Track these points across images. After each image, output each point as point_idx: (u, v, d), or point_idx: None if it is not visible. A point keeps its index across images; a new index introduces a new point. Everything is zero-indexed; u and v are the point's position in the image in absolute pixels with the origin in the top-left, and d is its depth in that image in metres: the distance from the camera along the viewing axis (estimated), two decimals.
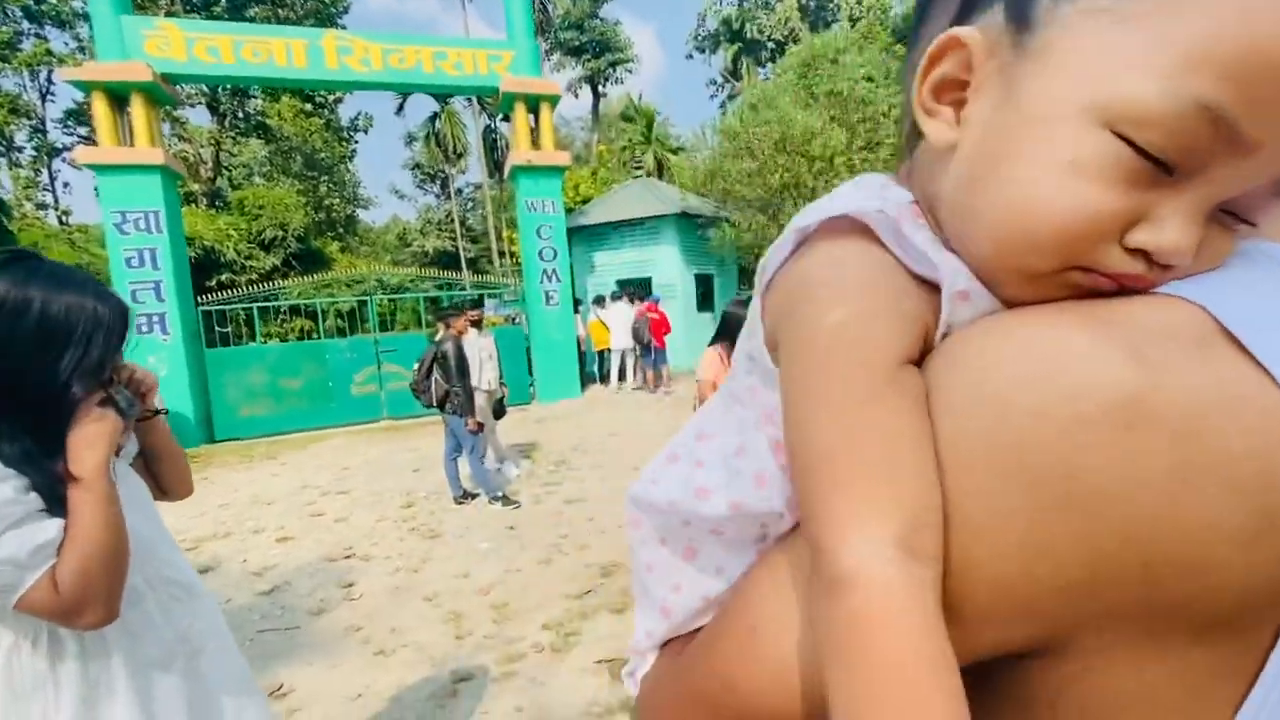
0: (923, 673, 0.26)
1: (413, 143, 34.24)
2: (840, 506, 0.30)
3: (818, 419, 0.32)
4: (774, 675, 0.35)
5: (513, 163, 10.12)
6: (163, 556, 1.20)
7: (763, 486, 0.38)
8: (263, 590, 3.77)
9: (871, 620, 0.27)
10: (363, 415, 9.73)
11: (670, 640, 0.50)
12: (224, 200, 20.93)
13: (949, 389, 0.31)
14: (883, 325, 0.32)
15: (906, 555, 0.28)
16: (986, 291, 0.33)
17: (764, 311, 0.39)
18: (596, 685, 2.56)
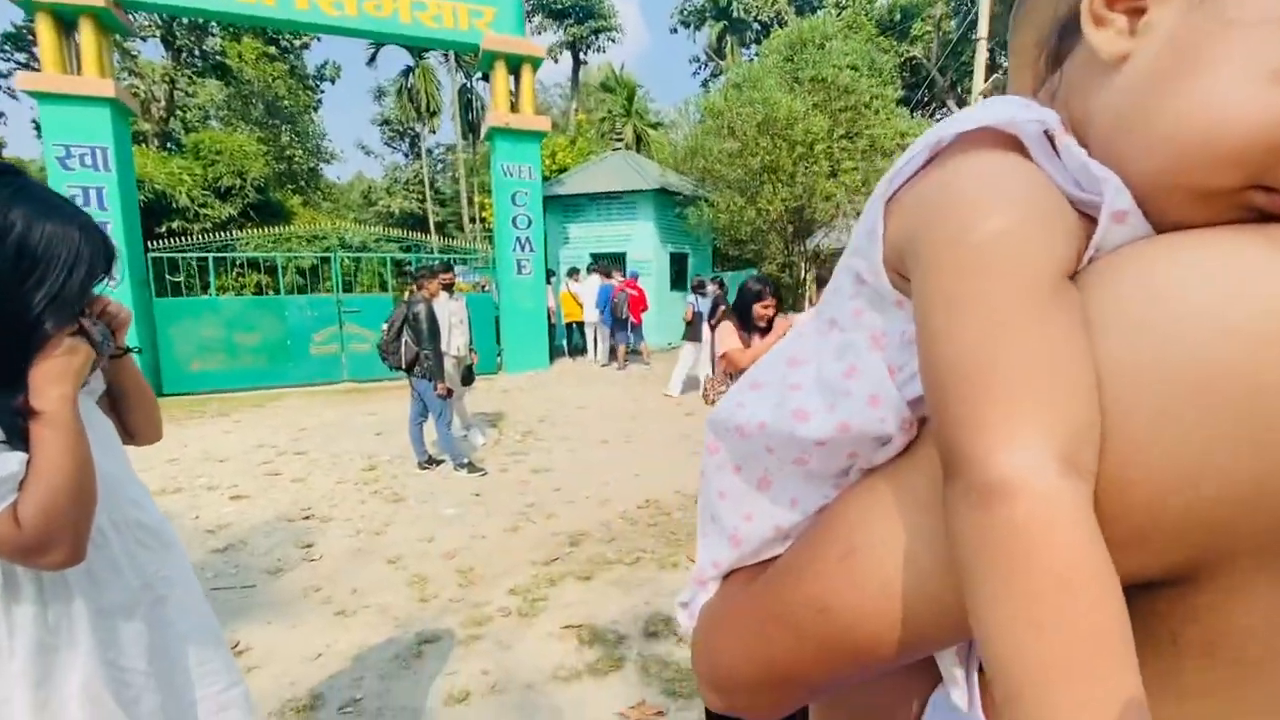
0: (1091, 586, 0.26)
1: (383, 97, 32.94)
2: (998, 416, 0.28)
3: (973, 329, 0.30)
4: (875, 599, 0.35)
5: (490, 124, 9.83)
6: (132, 499, 1.15)
7: (876, 407, 0.36)
8: (216, 548, 3.65)
9: (1035, 530, 0.26)
10: (322, 376, 9.45)
11: (733, 571, 0.50)
12: (177, 143, 19.83)
13: (1113, 306, 0.30)
14: (1046, 234, 0.31)
15: (1069, 467, 0.27)
16: (1142, 216, 0.32)
17: (888, 228, 0.37)
18: (563, 650, 2.57)
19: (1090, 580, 0.26)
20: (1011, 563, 0.27)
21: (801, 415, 0.40)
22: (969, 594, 0.29)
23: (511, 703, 2.24)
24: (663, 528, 3.85)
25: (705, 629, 0.49)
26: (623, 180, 12.43)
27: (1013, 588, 0.27)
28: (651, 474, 4.93)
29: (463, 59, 25.70)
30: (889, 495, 0.37)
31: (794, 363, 0.44)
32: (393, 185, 33.83)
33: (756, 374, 0.48)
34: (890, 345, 0.38)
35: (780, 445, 0.42)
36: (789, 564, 0.42)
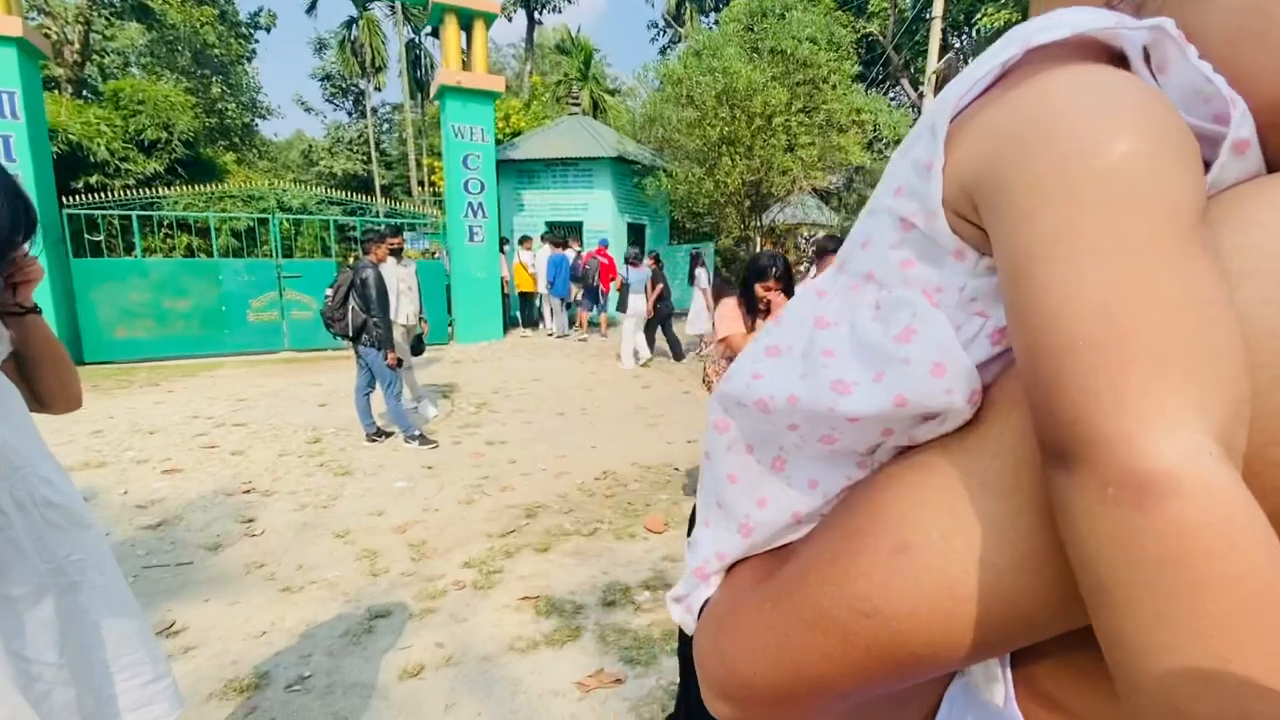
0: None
1: (324, 50, 31.08)
2: (1141, 388, 0.23)
3: (1098, 275, 0.25)
4: (936, 601, 0.30)
5: (440, 82, 9.41)
6: (40, 475, 1.06)
7: (941, 376, 0.31)
8: (148, 524, 3.46)
9: (1217, 534, 0.22)
10: (261, 344, 9.01)
11: (737, 563, 0.45)
12: (94, 91, 18.25)
13: (1245, 250, 0.26)
14: (1182, 163, 0.25)
15: (1228, 453, 0.23)
16: (1259, 148, 0.28)
17: (950, 160, 0.32)
18: (520, 621, 2.55)
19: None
20: (1187, 576, 0.22)
21: (842, 387, 0.34)
22: (1110, 611, 0.24)
23: (467, 675, 2.22)
24: (620, 499, 3.86)
25: (714, 632, 0.43)
26: (579, 146, 12.14)
27: (1192, 609, 0.22)
28: (608, 446, 4.92)
29: (410, 11, 24.43)
30: (952, 480, 0.31)
31: (822, 323, 0.38)
32: (335, 145, 32.15)
33: (773, 338, 0.42)
34: (947, 303, 0.33)
35: (808, 421, 0.37)
36: (823, 557, 0.36)
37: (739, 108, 9.29)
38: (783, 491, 0.40)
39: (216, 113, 22.38)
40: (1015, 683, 0.36)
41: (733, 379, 0.43)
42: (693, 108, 9.52)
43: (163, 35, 20.94)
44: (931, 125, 0.33)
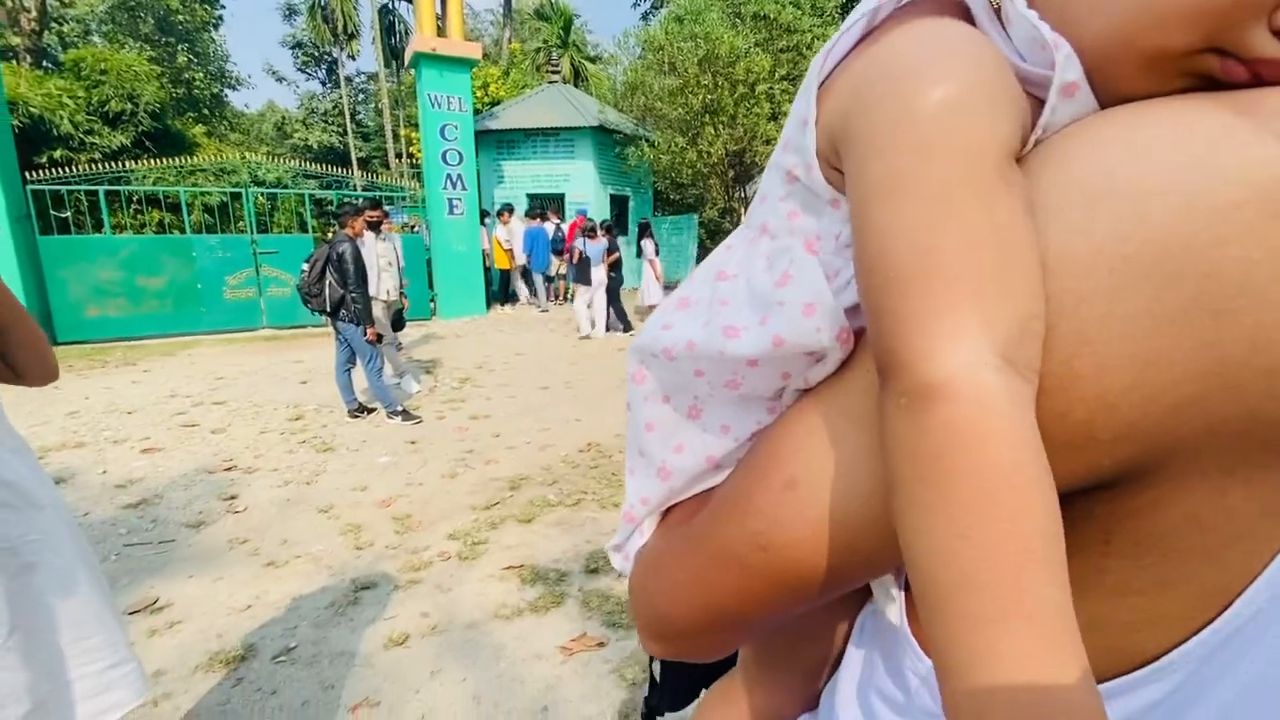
0: (1023, 493, 0.24)
1: (293, 16, 30.01)
2: (935, 310, 0.26)
3: (911, 215, 0.27)
4: (817, 528, 0.33)
5: (415, 49, 9.14)
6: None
7: (812, 316, 0.33)
8: (128, 503, 3.44)
9: (972, 433, 0.25)
10: (239, 322, 8.88)
11: (667, 510, 0.47)
12: (54, 61, 17.53)
13: (1061, 186, 0.28)
14: (996, 108, 0.28)
15: (1010, 365, 0.25)
16: (1090, 90, 0.30)
17: (821, 114, 0.34)
18: (505, 589, 2.58)
19: (1023, 487, 0.24)
20: (943, 469, 0.25)
21: (732, 331, 0.37)
22: (897, 504, 0.27)
23: (452, 642, 2.25)
24: (604, 470, 3.89)
25: (641, 574, 0.46)
26: (560, 116, 11.92)
27: (943, 496, 0.25)
28: (592, 418, 4.94)
29: None
30: (827, 416, 0.34)
31: (723, 276, 0.41)
32: (309, 116, 31.30)
33: (685, 291, 0.44)
34: (825, 250, 0.36)
35: (711, 367, 0.39)
36: (725, 498, 0.39)
37: (721, 75, 9.14)
38: (698, 437, 0.43)
39: (183, 83, 21.64)
40: (908, 600, 0.39)
41: (646, 331, 0.45)
42: (675, 75, 9.36)
43: (124, 1, 20.09)
44: (809, 81, 0.35)
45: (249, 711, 1.93)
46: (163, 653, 2.20)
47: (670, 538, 0.44)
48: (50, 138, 12.48)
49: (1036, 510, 0.24)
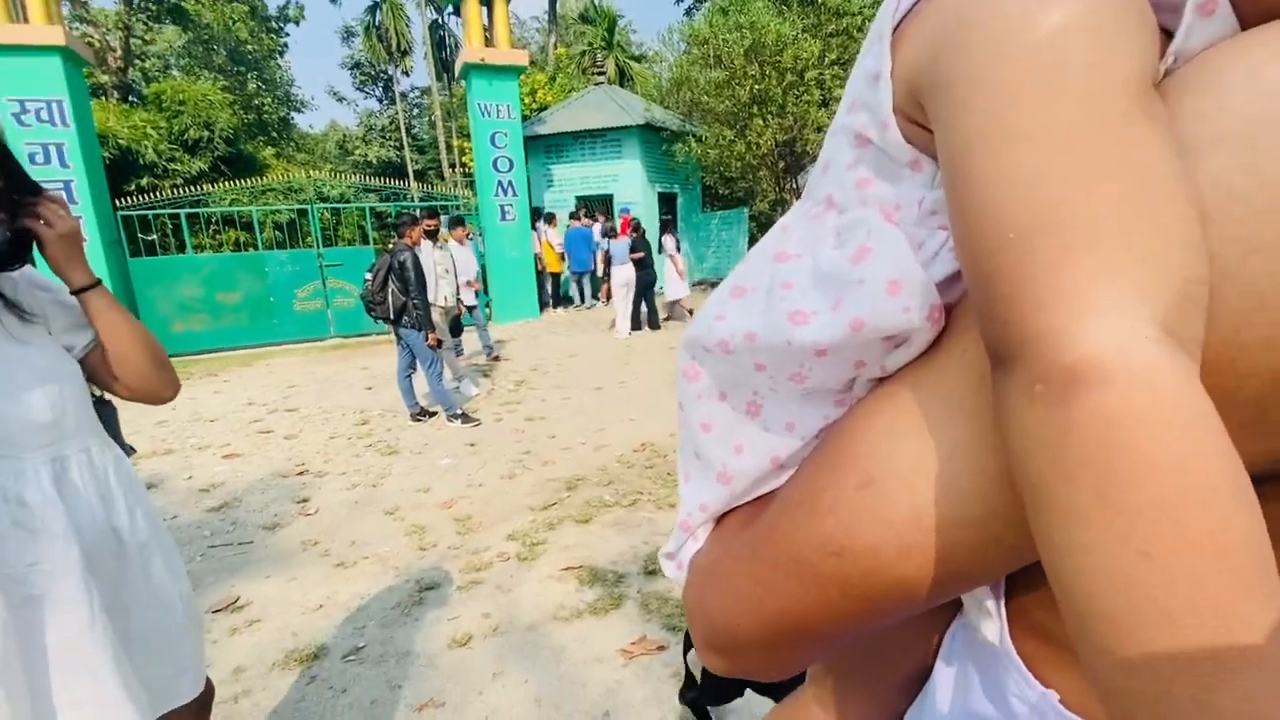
0: (1217, 495, 0.19)
1: (351, 38, 31.36)
2: (1073, 274, 0.21)
3: (1033, 161, 0.22)
4: (904, 534, 0.28)
5: (464, 60, 9.36)
6: (19, 470, 0.98)
7: (898, 294, 0.29)
8: (211, 506, 3.64)
9: (1137, 424, 0.19)
10: (309, 332, 9.32)
11: (725, 514, 0.43)
12: (138, 94, 18.90)
13: (1213, 115, 0.22)
14: (1124, 28, 0.22)
15: (1173, 339, 0.20)
16: (1229, 7, 0.24)
17: (897, 64, 0.29)
18: (564, 590, 2.58)
19: (1215, 486, 0.19)
20: (1105, 470, 0.20)
21: (800, 317, 0.32)
22: (1040, 514, 0.22)
23: (513, 643, 2.26)
24: (659, 469, 3.85)
25: (699, 584, 0.42)
26: (606, 117, 11.96)
27: (1108, 503, 0.19)
28: (646, 417, 4.91)
29: None
30: (915, 405, 0.29)
31: (783, 257, 0.36)
32: (369, 133, 32.62)
33: (738, 278, 0.40)
34: (906, 219, 0.31)
35: (774, 359, 0.35)
36: (792, 499, 0.35)
37: (769, 64, 8.95)
38: (759, 436, 0.39)
39: (254, 108, 22.93)
40: (1010, 617, 0.34)
41: (697, 323, 0.41)
42: (721, 68, 9.23)
43: (198, 35, 21.46)
44: (879, 30, 0.30)
45: (322, 710, 1.99)
46: (243, 650, 2.30)
47: (730, 544, 0.40)
48: (137, 166, 13.44)
49: (1238, 516, 0.19)
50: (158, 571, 1.19)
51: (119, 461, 1.19)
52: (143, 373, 1.17)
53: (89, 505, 1.09)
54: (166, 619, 1.20)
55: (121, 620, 1.11)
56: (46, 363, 1.05)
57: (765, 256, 0.38)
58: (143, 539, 1.17)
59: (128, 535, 1.15)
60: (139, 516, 1.18)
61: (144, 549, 1.17)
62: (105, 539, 1.11)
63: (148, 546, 1.18)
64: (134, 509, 1.17)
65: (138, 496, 1.20)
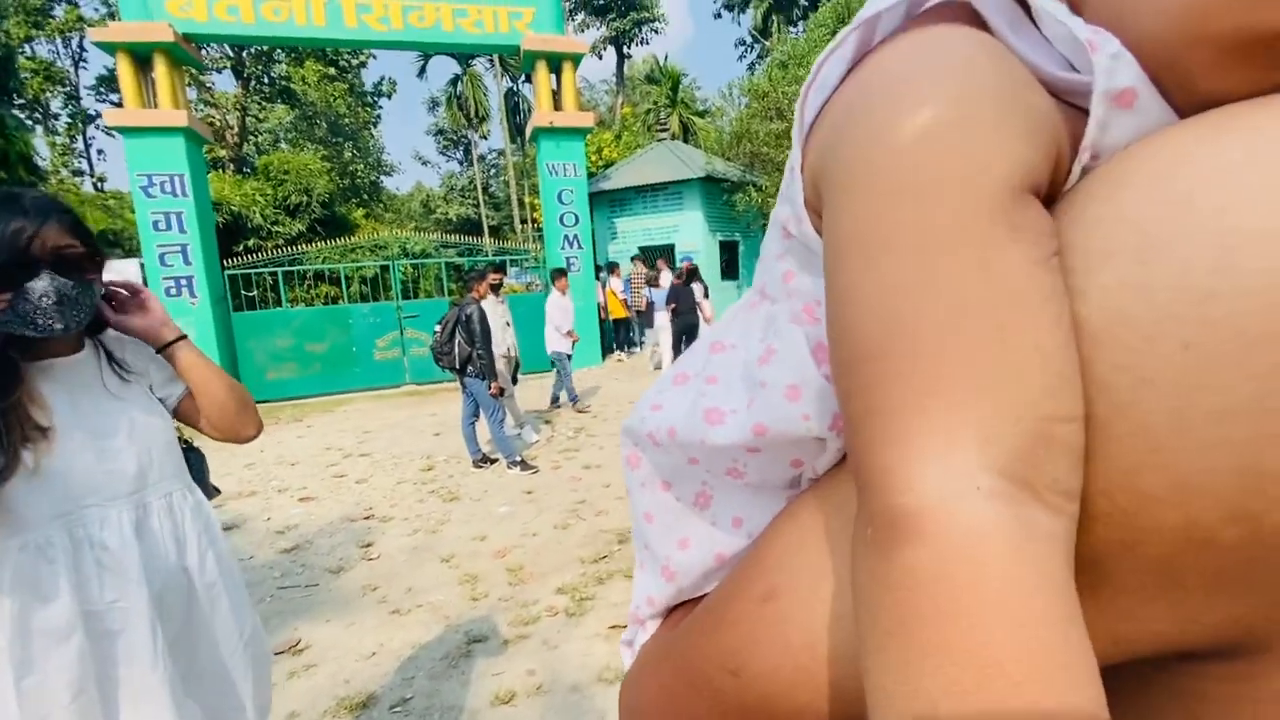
0: (1035, 675, 0.16)
1: (435, 108, 33.98)
2: (908, 410, 0.19)
3: (883, 277, 0.21)
4: (799, 658, 0.26)
5: (534, 125, 9.93)
6: (104, 518, 1.08)
7: (797, 400, 0.28)
8: (284, 548, 3.82)
9: (945, 582, 0.17)
10: (385, 380, 9.82)
11: (675, 607, 0.41)
12: (250, 166, 21.08)
13: (1109, 223, 0.20)
14: (996, 131, 0.21)
15: (1018, 489, 0.18)
16: (1158, 95, 0.22)
17: (807, 155, 0.28)
18: (609, 651, 2.52)
19: (1035, 664, 0.16)
20: (907, 624, 0.18)
21: (715, 416, 0.31)
22: (861, 654, 0.20)
23: (557, 704, 2.22)
24: None
25: (630, 681, 0.41)
26: (668, 170, 12.29)
27: (908, 658, 0.18)
28: None
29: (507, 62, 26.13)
30: (818, 519, 0.28)
31: (718, 347, 0.35)
32: (449, 193, 34.87)
33: (683, 364, 0.39)
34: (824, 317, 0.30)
35: (703, 455, 0.34)
36: (705, 604, 0.34)
37: None
38: (705, 531, 0.37)
39: (349, 174, 25.07)
40: None
41: (636, 409, 0.40)
42: (781, 120, 9.36)
43: (304, 112, 23.88)
44: (800, 121, 0.29)
45: None
46: (298, 694, 2.36)
47: (657, 646, 0.39)
48: (245, 229, 14.88)
49: (1049, 684, 0.17)
50: (223, 611, 1.26)
51: (198, 506, 1.28)
52: (227, 414, 1.27)
53: (164, 549, 1.17)
54: (230, 657, 1.27)
55: (186, 656, 1.20)
56: (140, 417, 1.16)
57: (704, 345, 0.38)
58: (210, 580, 1.25)
59: (196, 576, 1.23)
60: (210, 559, 1.25)
61: (211, 589, 1.25)
62: (176, 579, 1.19)
63: (215, 587, 1.25)
64: (206, 552, 1.25)
65: (211, 539, 1.28)
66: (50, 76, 23.51)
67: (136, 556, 1.10)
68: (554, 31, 9.79)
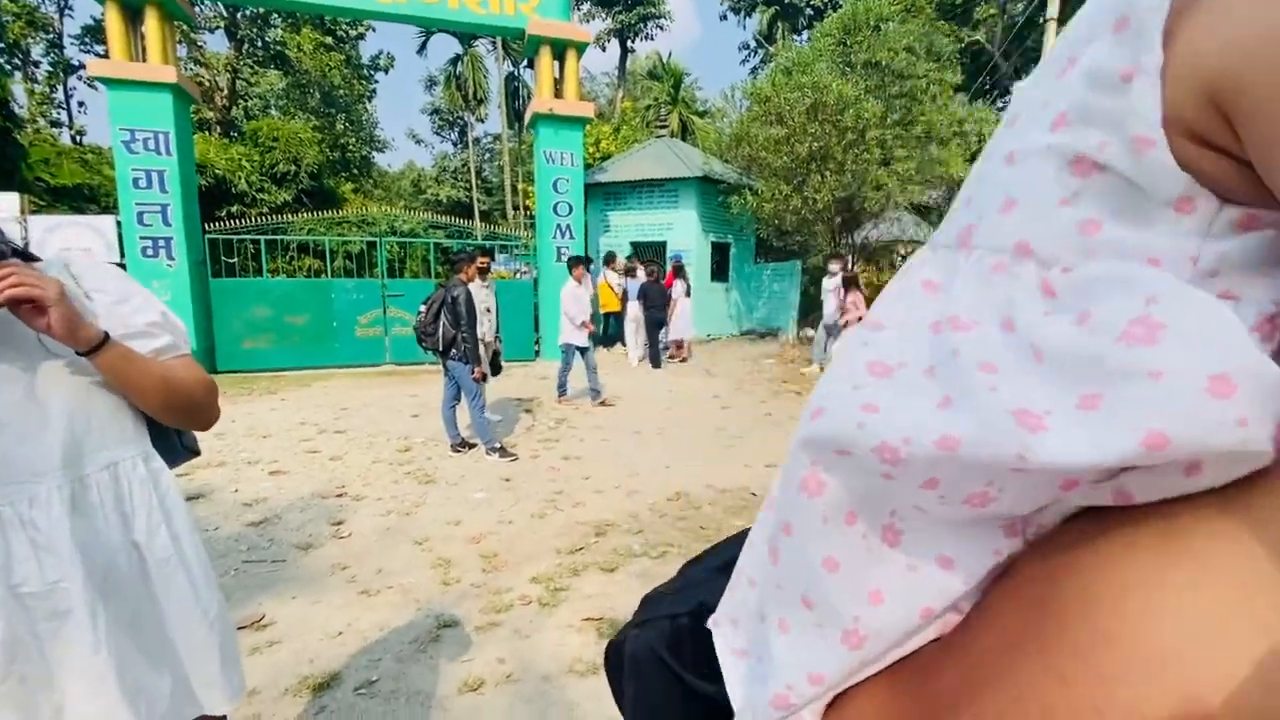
0: None
1: (433, 87, 33.52)
2: None
3: None
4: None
5: (534, 110, 9.83)
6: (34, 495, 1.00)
7: (1231, 396, 0.19)
8: (252, 521, 3.73)
9: None
10: (366, 358, 9.66)
11: (845, 691, 0.32)
12: (239, 130, 20.59)
13: None
14: None
15: None
16: None
17: (1181, 55, 0.21)
18: (581, 642, 2.50)
19: None
20: None
21: (1033, 422, 0.22)
22: None
23: (526, 693, 2.19)
24: (691, 521, 3.75)
25: None
26: (665, 168, 12.26)
27: None
28: (683, 466, 4.83)
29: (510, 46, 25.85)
30: (1236, 560, 0.20)
31: (958, 324, 0.27)
32: (441, 174, 34.46)
33: (875, 350, 0.30)
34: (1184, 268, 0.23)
35: (959, 475, 0.25)
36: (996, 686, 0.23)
37: (829, 122, 9.04)
38: (903, 578, 0.29)
39: (339, 147, 24.59)
40: None
41: (830, 414, 0.30)
42: (781, 125, 9.36)
43: (297, 80, 23.37)
44: (1121, 15, 0.23)
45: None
46: (260, 671, 2.30)
47: None
48: (229, 195, 14.52)
49: None
50: (179, 587, 1.20)
51: (153, 475, 1.20)
52: (166, 416, 1.19)
53: (105, 524, 1.10)
54: (189, 634, 1.21)
55: (137, 634, 1.13)
56: (76, 378, 1.05)
57: (914, 323, 0.30)
58: (164, 555, 1.18)
59: (147, 551, 1.16)
60: (161, 533, 1.19)
61: (165, 564, 1.18)
62: (123, 555, 1.12)
63: (169, 562, 1.19)
64: (158, 526, 1.19)
65: (166, 512, 1.21)
66: (33, 22, 22.69)
67: (67, 534, 1.02)
68: (560, 18, 9.69)
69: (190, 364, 1.24)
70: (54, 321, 0.97)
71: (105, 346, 1.05)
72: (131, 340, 1.13)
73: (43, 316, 0.96)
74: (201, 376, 1.25)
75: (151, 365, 1.15)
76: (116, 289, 1.18)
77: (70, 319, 0.98)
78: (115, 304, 1.15)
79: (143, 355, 1.13)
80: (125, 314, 1.15)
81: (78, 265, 1.17)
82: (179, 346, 1.24)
